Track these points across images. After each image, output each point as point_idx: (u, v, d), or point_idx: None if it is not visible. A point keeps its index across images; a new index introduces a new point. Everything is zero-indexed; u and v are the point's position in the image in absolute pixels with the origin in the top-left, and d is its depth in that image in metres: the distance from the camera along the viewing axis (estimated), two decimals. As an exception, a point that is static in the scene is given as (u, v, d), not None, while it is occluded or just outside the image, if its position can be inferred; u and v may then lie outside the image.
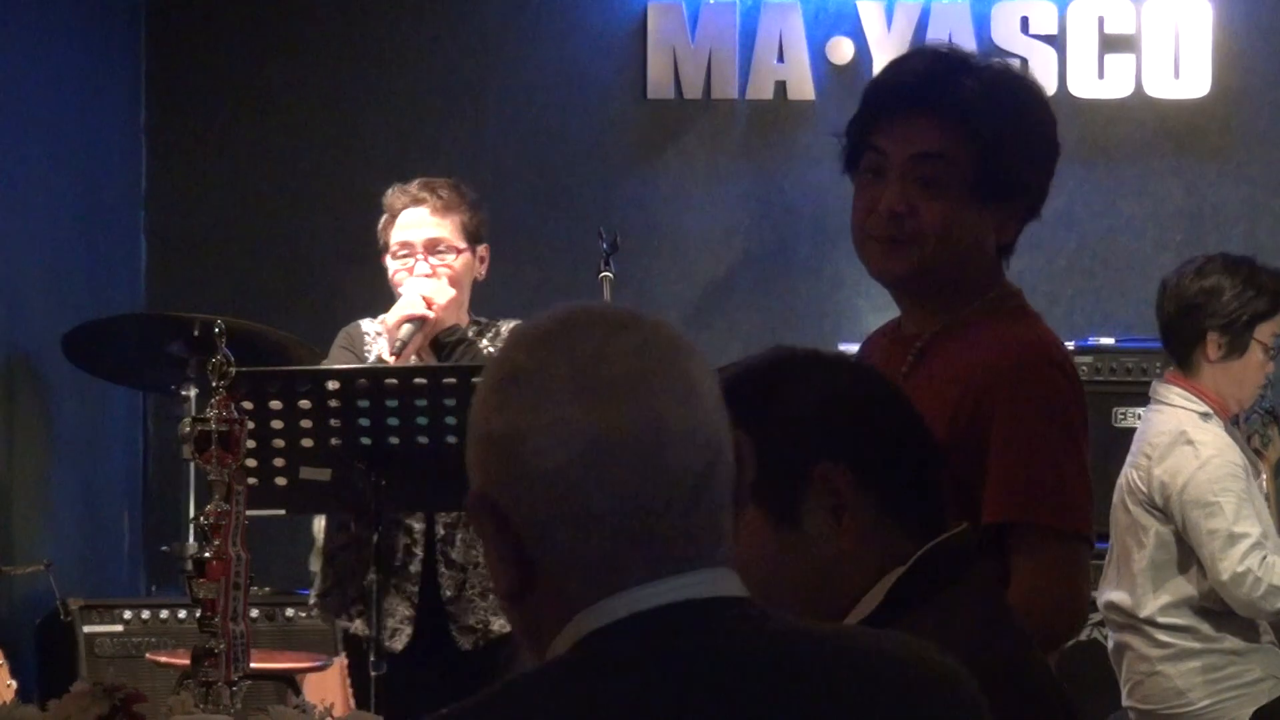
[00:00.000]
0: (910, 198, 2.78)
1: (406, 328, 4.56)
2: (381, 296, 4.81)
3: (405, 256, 4.66)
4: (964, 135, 2.77)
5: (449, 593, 4.61)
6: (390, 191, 4.75)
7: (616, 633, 1.63)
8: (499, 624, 4.63)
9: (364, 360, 4.62)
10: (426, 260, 4.65)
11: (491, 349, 4.70)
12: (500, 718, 1.62)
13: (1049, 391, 2.77)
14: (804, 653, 1.66)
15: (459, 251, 4.66)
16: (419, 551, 4.58)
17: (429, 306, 4.60)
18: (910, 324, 2.90)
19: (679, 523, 1.64)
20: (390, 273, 4.70)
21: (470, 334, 4.70)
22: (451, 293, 4.64)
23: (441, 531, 4.63)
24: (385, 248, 4.72)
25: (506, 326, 4.78)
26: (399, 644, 4.57)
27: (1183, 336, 4.77)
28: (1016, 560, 2.70)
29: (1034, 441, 2.72)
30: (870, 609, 2.21)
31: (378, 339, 4.70)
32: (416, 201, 4.68)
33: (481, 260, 4.74)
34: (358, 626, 4.60)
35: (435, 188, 4.70)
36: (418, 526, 4.59)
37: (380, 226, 4.74)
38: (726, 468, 1.67)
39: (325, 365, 4.63)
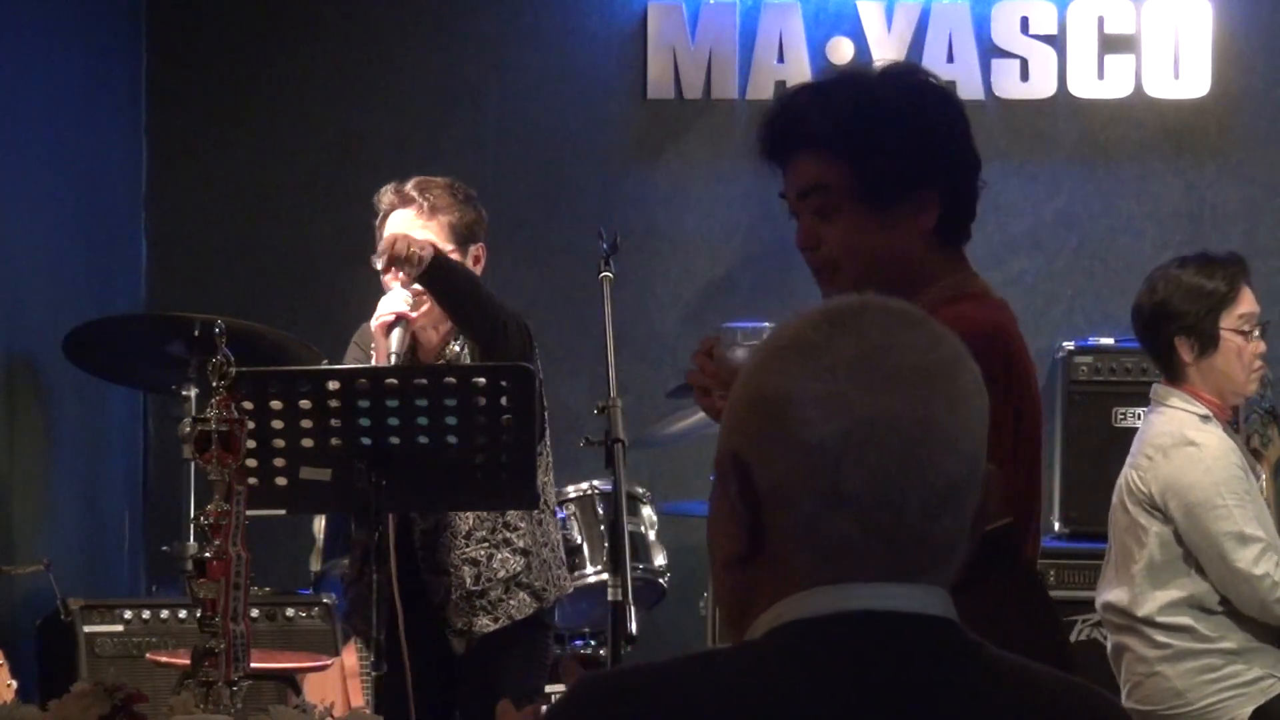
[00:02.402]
0: (815, 231, 2.91)
1: (396, 334, 4.56)
2: (382, 296, 4.81)
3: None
4: (830, 159, 2.86)
5: (437, 598, 4.62)
6: (382, 190, 4.74)
7: (822, 628, 1.62)
8: (482, 623, 4.63)
9: (369, 360, 4.63)
10: None
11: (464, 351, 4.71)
12: (683, 686, 1.61)
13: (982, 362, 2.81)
14: (1013, 692, 1.65)
15: (448, 253, 4.66)
16: (388, 552, 4.57)
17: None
18: None
19: (921, 527, 1.64)
20: (381, 272, 4.69)
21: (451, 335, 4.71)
22: (425, 305, 4.63)
23: (420, 539, 4.63)
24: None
25: None
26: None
27: (1157, 350, 4.84)
28: None
29: None
30: None
31: (360, 331, 4.72)
32: (405, 202, 4.68)
33: (475, 260, 4.73)
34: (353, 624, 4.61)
35: (425, 189, 4.68)
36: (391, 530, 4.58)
37: (375, 225, 4.74)
38: (976, 490, 1.67)
39: (340, 365, 4.62)
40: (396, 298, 4.59)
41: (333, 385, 4.11)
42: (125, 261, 6.72)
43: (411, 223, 4.65)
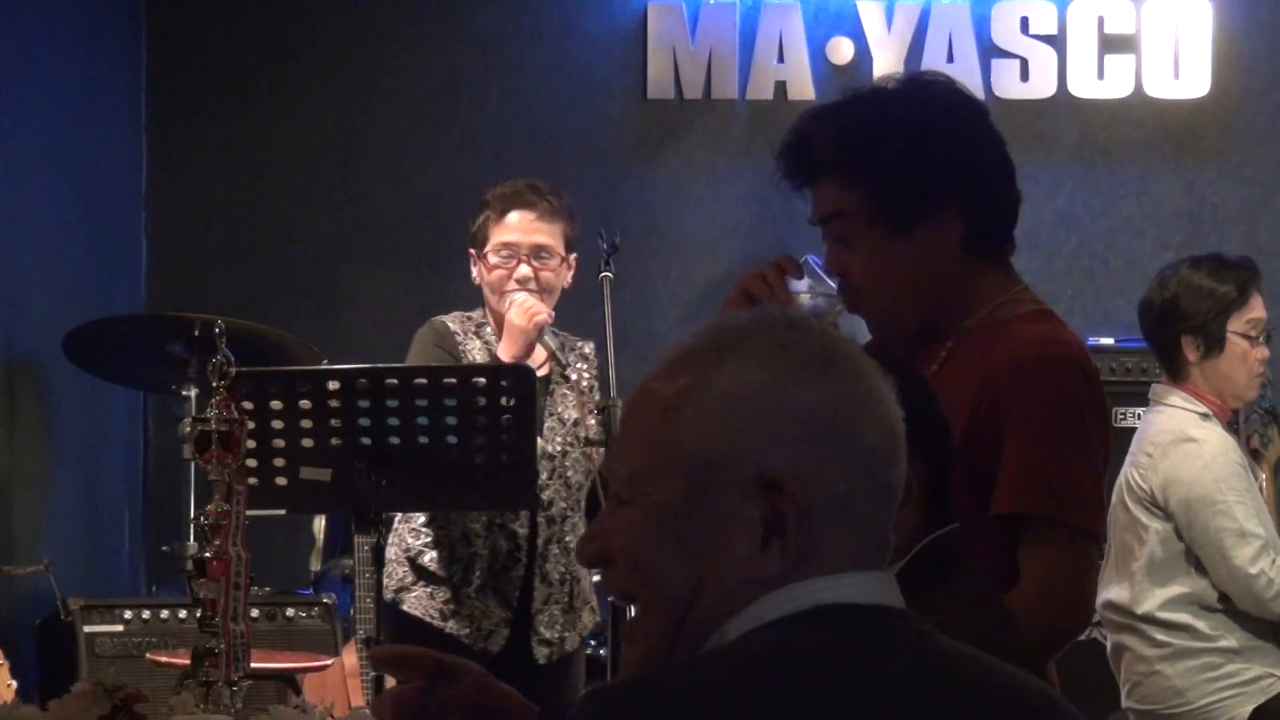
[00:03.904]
0: (841, 259, 2.87)
1: (549, 336, 4.60)
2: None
3: (508, 255, 4.66)
4: (843, 185, 2.82)
5: (537, 604, 4.67)
6: (496, 190, 4.73)
7: (807, 622, 1.65)
8: (571, 639, 4.71)
9: (459, 361, 4.63)
10: (530, 263, 4.65)
11: (582, 374, 4.73)
12: (689, 689, 1.61)
13: (1065, 388, 2.80)
14: (964, 679, 1.68)
15: (561, 259, 4.69)
16: (523, 559, 4.65)
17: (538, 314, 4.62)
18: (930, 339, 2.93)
19: (891, 517, 1.72)
20: (487, 269, 4.67)
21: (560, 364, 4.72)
22: (548, 307, 4.67)
23: (541, 547, 4.67)
24: (481, 242, 4.70)
25: (586, 346, 4.80)
26: (495, 646, 4.62)
27: (1162, 346, 4.84)
28: (1024, 553, 2.72)
29: (1046, 436, 2.74)
30: None
31: (469, 339, 4.71)
32: (527, 204, 4.69)
33: (569, 269, 4.77)
34: (452, 627, 4.63)
35: (544, 193, 4.72)
36: (522, 532, 4.64)
37: (480, 221, 4.72)
38: None
39: (413, 363, 4.63)
40: (531, 300, 4.60)
41: (333, 385, 4.11)
42: (125, 261, 6.72)
43: (534, 224, 4.67)
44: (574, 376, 4.74)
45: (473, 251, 4.75)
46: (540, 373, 4.66)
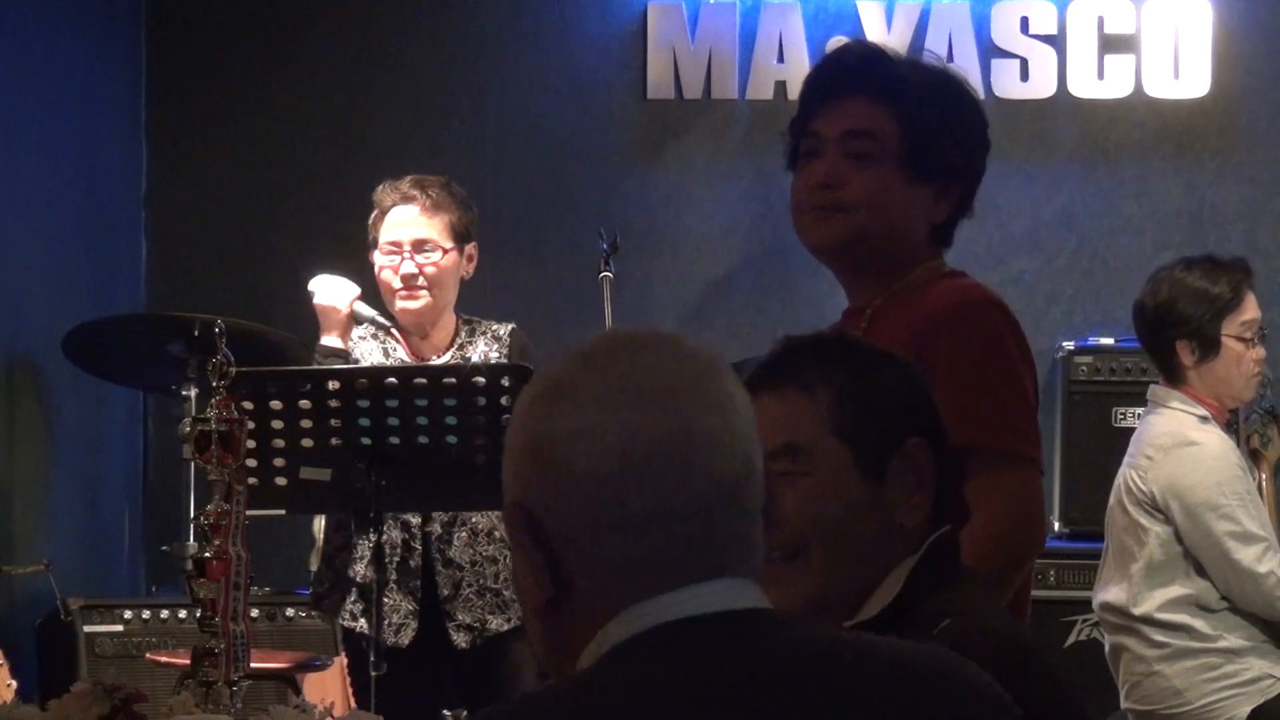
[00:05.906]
0: (841, 171, 2.94)
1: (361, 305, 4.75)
2: (381, 297, 4.82)
3: (392, 254, 4.71)
4: (893, 115, 2.92)
5: (445, 591, 4.65)
6: (381, 188, 4.80)
7: (646, 643, 1.68)
8: (496, 622, 4.66)
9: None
10: (413, 259, 4.69)
11: (489, 351, 4.74)
12: (554, 707, 1.66)
13: (986, 326, 2.90)
14: (832, 665, 1.70)
15: (445, 251, 4.71)
16: (418, 547, 4.63)
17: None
18: (854, 298, 3.04)
19: (712, 530, 1.70)
20: (377, 269, 4.75)
21: (463, 337, 4.76)
22: (424, 300, 4.73)
23: (438, 530, 4.65)
24: (374, 243, 4.76)
25: (501, 328, 4.81)
26: (404, 640, 4.60)
27: (1158, 351, 4.85)
28: (972, 487, 2.75)
29: (971, 372, 2.85)
30: (893, 595, 2.29)
31: (360, 343, 4.75)
32: (406, 199, 4.74)
33: (469, 259, 4.79)
34: (362, 626, 4.63)
35: (426, 186, 4.75)
36: (415, 521, 4.63)
37: (370, 221, 4.78)
38: (758, 479, 1.74)
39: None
40: (340, 285, 4.86)
41: (333, 385, 4.12)
42: (125, 261, 6.72)
43: (415, 219, 4.70)
44: (475, 358, 4.73)
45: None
46: (441, 360, 4.69)
